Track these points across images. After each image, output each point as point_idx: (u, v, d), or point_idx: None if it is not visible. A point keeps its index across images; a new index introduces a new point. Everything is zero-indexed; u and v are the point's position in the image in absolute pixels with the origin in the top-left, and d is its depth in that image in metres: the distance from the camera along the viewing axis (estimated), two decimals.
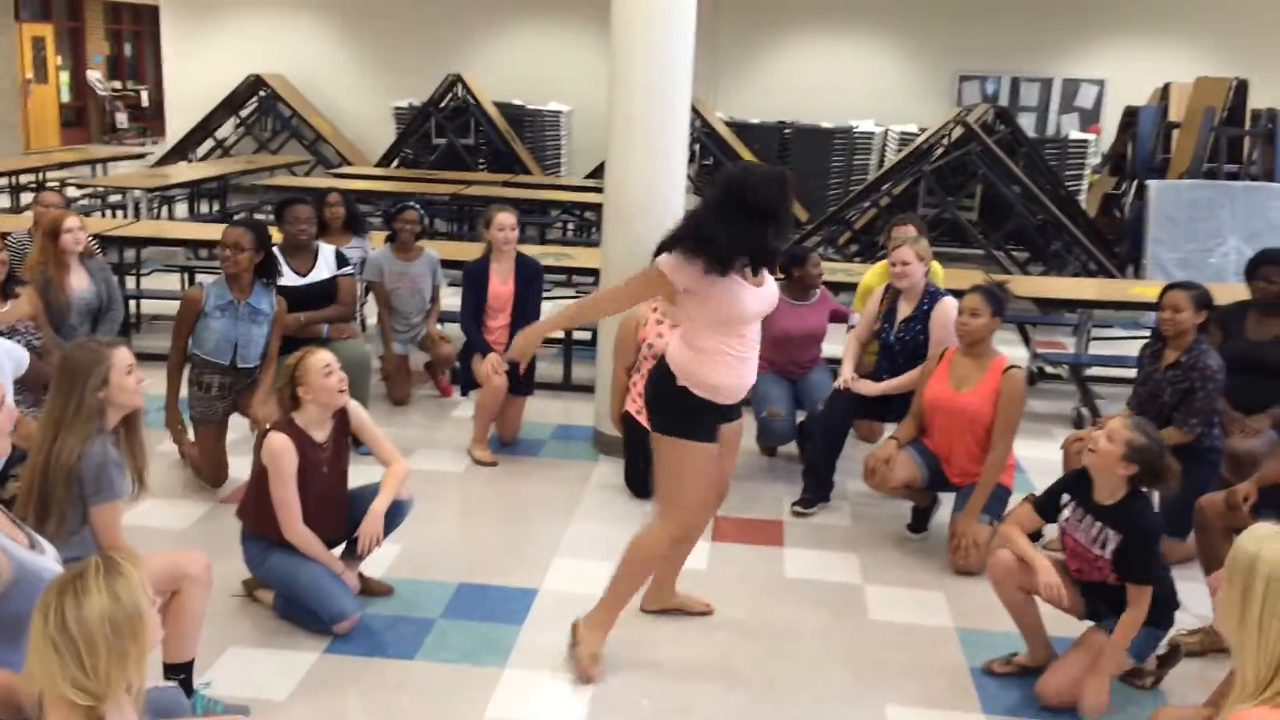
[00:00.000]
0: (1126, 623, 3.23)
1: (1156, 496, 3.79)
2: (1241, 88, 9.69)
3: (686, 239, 3.24)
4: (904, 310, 4.90)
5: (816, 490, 4.89)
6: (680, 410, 3.38)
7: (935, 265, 5.28)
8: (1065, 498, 3.45)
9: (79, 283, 5.14)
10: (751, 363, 3.43)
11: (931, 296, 4.85)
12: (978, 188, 10.53)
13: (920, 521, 4.67)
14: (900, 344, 4.88)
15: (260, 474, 3.60)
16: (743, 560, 4.36)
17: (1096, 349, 7.22)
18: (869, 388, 4.85)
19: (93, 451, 2.96)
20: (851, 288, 6.10)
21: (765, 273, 3.40)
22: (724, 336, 3.30)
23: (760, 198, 3.18)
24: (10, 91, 17.20)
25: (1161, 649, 3.51)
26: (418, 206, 6.27)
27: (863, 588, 4.17)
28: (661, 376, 3.43)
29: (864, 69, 14.35)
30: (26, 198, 11.59)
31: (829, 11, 14.32)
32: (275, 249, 5.36)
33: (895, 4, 14.19)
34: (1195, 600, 4.03)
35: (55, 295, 4.98)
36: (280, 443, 3.53)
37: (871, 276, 5.64)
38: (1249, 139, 9.77)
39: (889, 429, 5.02)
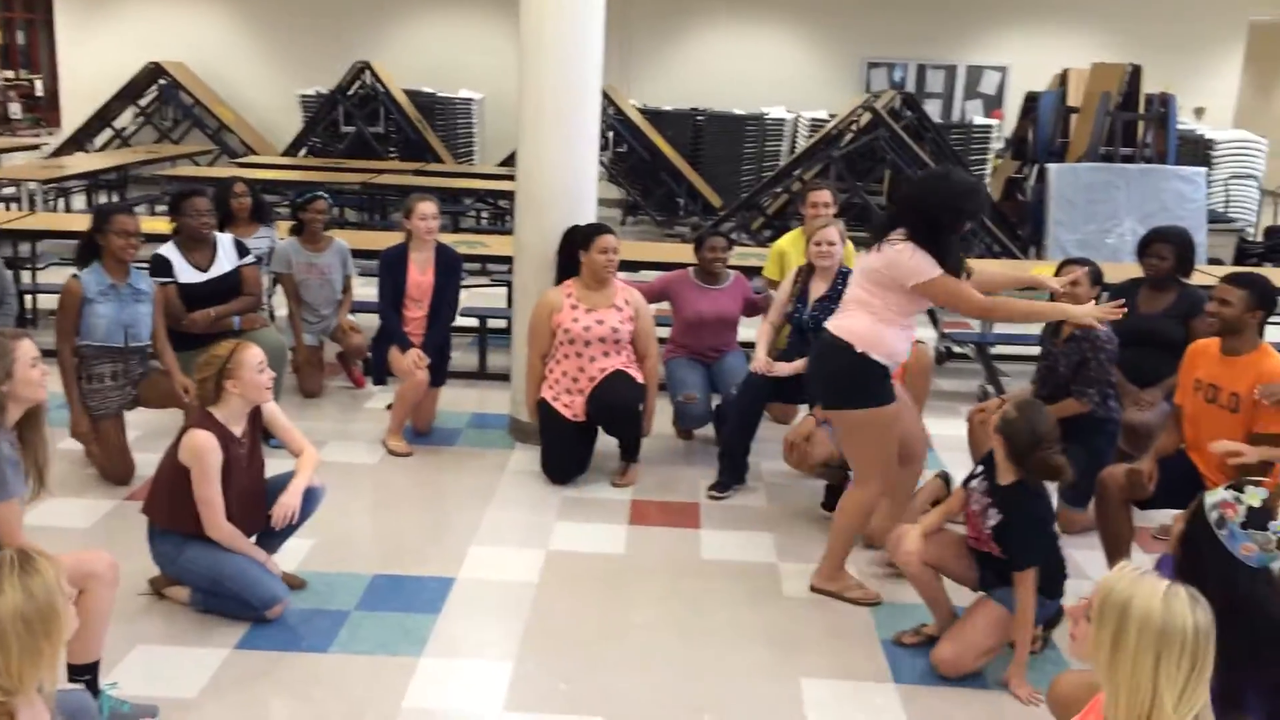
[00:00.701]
0: (1022, 609, 3.33)
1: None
2: (1135, 73, 10.01)
3: (931, 241, 3.60)
4: (818, 290, 4.97)
5: (731, 473, 4.95)
6: (865, 379, 3.74)
7: (849, 246, 5.37)
8: (979, 469, 3.54)
9: None
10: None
11: (845, 277, 4.93)
12: (886, 172, 10.74)
13: (834, 500, 4.74)
14: (814, 323, 4.94)
15: (173, 469, 3.51)
16: (660, 543, 4.40)
17: (1001, 328, 7.42)
18: (786, 368, 4.91)
19: None
20: (760, 270, 6.16)
21: None
22: (911, 316, 3.78)
23: (971, 207, 3.68)
24: None
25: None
26: (326, 196, 6.17)
27: (778, 566, 4.24)
28: (836, 354, 3.75)
29: (775, 56, 14.49)
30: None
31: (740, 0, 14.43)
32: (172, 244, 5.25)
33: None
34: (1093, 567, 4.19)
35: None
36: (206, 440, 3.45)
37: (784, 242, 5.71)
38: (1142, 123, 10.11)
39: (803, 411, 5.09)
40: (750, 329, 5.52)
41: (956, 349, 7.34)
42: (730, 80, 14.28)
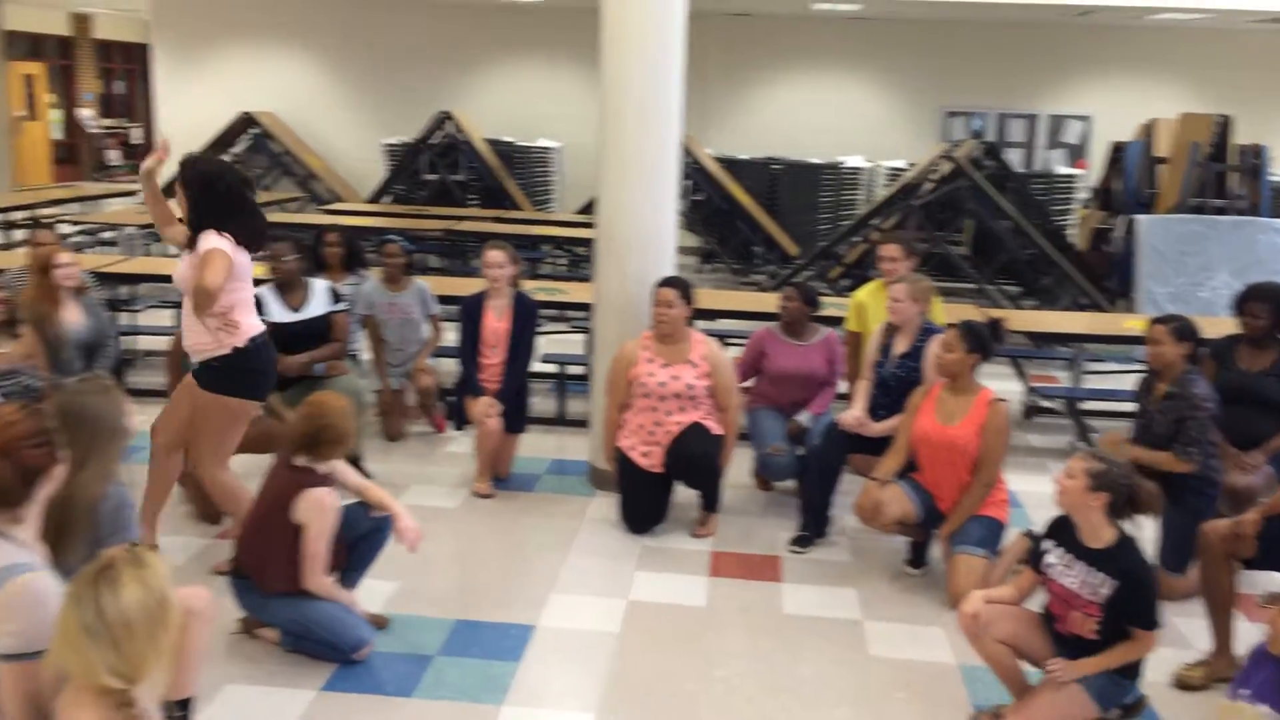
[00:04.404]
0: (1122, 651, 3.16)
1: (1158, 531, 3.79)
2: (1225, 124, 9.81)
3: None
4: (900, 346, 4.92)
5: (814, 526, 4.88)
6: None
7: (936, 302, 5.30)
8: (1049, 544, 3.39)
9: (73, 318, 5.13)
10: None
11: (927, 333, 4.87)
12: (968, 222, 10.62)
13: (919, 557, 4.66)
14: (895, 380, 4.89)
15: (279, 528, 3.53)
16: (742, 595, 4.34)
17: (1090, 383, 7.25)
18: (876, 429, 4.84)
19: (112, 493, 2.98)
20: (840, 321, 6.11)
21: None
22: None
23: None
24: (1, 129, 17.21)
25: (1129, 699, 3.41)
26: (399, 239, 6.31)
27: (862, 624, 4.15)
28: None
29: (851, 105, 14.49)
30: (19, 235, 11.58)
31: (816, 50, 14.47)
32: (269, 285, 5.40)
33: (882, 42, 14.37)
34: (1197, 635, 4.03)
35: (50, 331, 4.96)
36: (331, 500, 3.55)
37: (863, 293, 5.65)
38: (1234, 174, 9.88)
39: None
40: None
41: (1044, 404, 7.17)
42: (806, 129, 14.30)
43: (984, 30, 14.07)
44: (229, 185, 4.00)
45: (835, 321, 6.01)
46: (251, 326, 4.11)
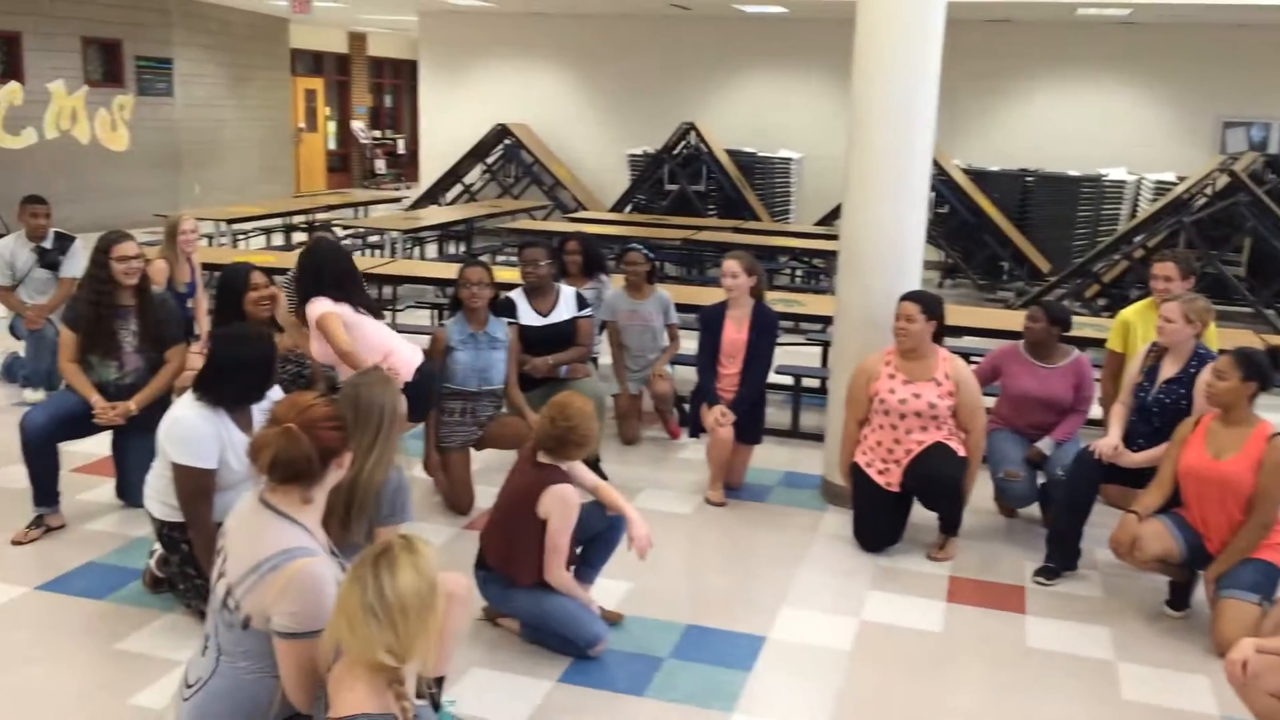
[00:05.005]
0: None
1: None
2: None
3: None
4: (1167, 370, 4.58)
5: (1061, 559, 4.62)
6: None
7: (1211, 327, 4.91)
8: None
9: None
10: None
11: (1200, 359, 4.51)
12: (1245, 241, 9.80)
13: (1180, 598, 4.33)
14: (1159, 406, 4.56)
15: (525, 521, 3.66)
16: (981, 625, 4.17)
17: None
18: (1134, 459, 4.53)
19: (393, 477, 3.21)
20: (1096, 343, 5.77)
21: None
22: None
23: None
24: (285, 140, 18.86)
25: None
26: (641, 248, 6.43)
27: (1115, 664, 3.90)
28: None
29: (1115, 115, 13.67)
30: (297, 237, 12.64)
31: (1079, 56, 13.74)
32: (521, 289, 5.65)
33: (1152, 47, 13.48)
34: None
35: None
36: (575, 496, 3.68)
37: (1131, 312, 5.30)
38: None
39: None
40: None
41: None
42: (1063, 139, 13.60)
43: (1268, 34, 12.94)
44: (325, 256, 4.78)
45: (1089, 343, 5.68)
46: (409, 363, 4.59)
